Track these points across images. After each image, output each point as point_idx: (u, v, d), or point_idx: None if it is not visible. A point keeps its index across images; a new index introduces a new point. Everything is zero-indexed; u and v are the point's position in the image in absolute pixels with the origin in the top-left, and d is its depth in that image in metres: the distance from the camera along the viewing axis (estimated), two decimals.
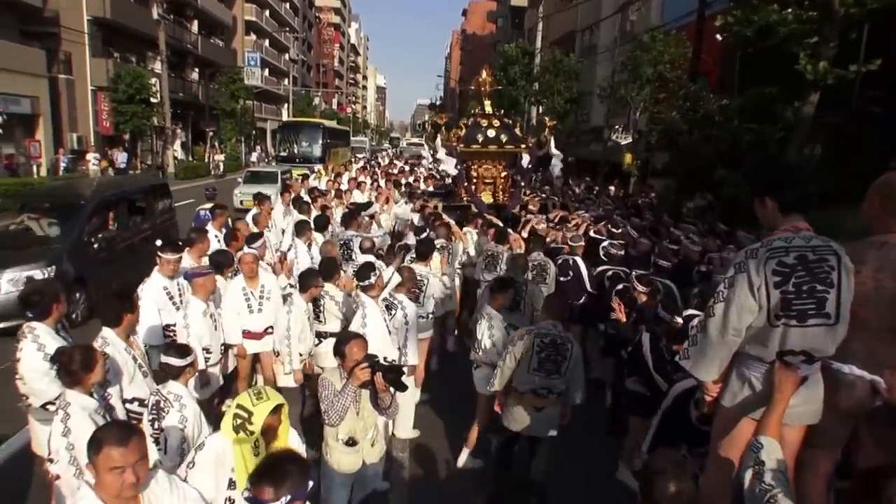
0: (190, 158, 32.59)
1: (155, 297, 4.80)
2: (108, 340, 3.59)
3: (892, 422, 2.52)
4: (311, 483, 2.12)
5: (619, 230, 8.10)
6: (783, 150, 9.99)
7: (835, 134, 10.27)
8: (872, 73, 8.89)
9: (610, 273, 5.97)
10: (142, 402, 3.61)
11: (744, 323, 2.45)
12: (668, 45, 15.74)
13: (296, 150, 25.50)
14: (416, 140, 64.04)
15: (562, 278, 6.36)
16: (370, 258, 6.06)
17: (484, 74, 10.98)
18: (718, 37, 12.91)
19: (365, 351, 3.37)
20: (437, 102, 77.55)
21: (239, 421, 2.52)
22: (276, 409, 2.56)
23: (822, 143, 10.10)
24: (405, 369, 3.50)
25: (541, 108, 25.13)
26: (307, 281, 4.92)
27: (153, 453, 3.30)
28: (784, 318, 2.38)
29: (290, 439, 2.68)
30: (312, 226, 7.35)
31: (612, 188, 16.46)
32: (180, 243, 5.54)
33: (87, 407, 2.96)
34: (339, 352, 3.38)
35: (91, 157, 21.41)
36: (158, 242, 5.02)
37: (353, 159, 27.56)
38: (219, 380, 4.79)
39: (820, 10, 8.70)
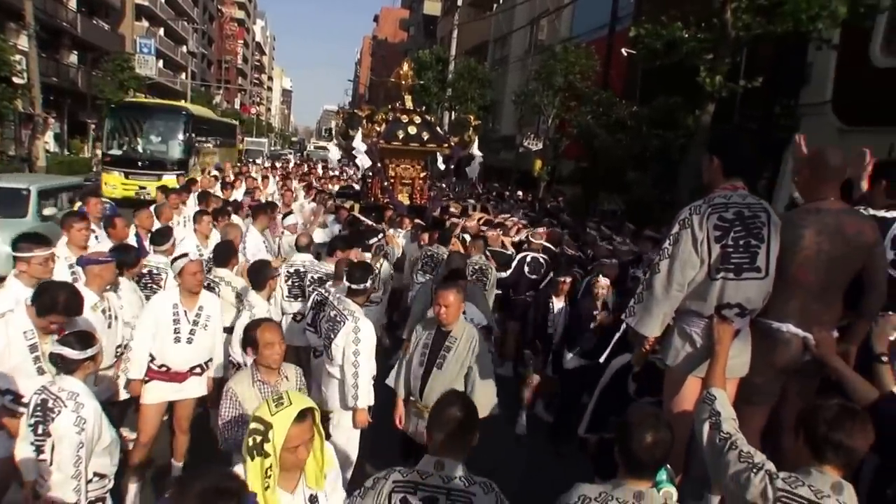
0: (65, 152, 29.52)
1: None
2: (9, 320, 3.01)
3: (816, 373, 2.69)
4: None
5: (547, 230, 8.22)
6: (684, 155, 10.77)
7: None
8: (750, 94, 10.02)
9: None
10: (18, 398, 3.06)
11: (687, 277, 2.57)
12: (578, 57, 16.62)
13: (139, 148, 16.51)
14: (323, 144, 62.48)
15: (533, 276, 6.60)
16: (307, 256, 5.67)
17: (406, 67, 10.77)
18: (624, 51, 13.80)
19: (280, 338, 2.97)
20: (347, 107, 76.35)
21: (256, 439, 1.93)
22: (303, 416, 1.98)
23: None
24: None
25: (454, 114, 25.47)
26: (262, 274, 4.32)
27: (31, 468, 2.69)
28: (723, 271, 2.52)
29: (329, 457, 2.20)
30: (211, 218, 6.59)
31: (520, 193, 16.98)
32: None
33: None
34: (248, 341, 2.97)
35: None
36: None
37: (242, 162, 22.12)
38: (110, 387, 3.99)
39: (716, 32, 9.71)
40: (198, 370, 4.02)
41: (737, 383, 2.69)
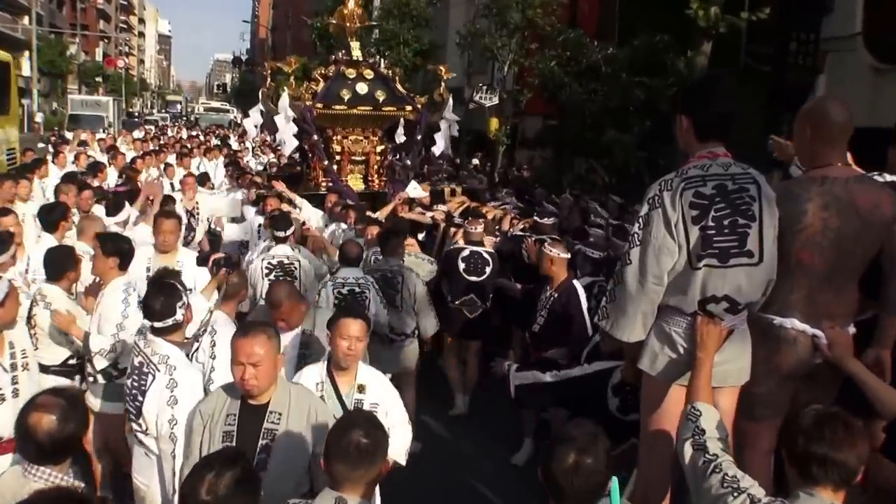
0: None
1: None
2: None
3: (832, 380, 2.68)
4: None
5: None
6: (676, 108, 10.61)
7: None
8: (758, 28, 9.87)
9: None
10: None
11: (664, 267, 2.56)
12: None
13: None
14: (216, 104, 59.70)
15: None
16: (355, 272, 5.07)
17: (351, 4, 9.88)
18: None
19: None
20: (244, 57, 73.35)
21: None
22: None
23: None
24: None
25: (382, 61, 24.67)
26: (62, 264, 4.07)
27: None
28: (706, 258, 2.51)
29: None
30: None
31: (475, 161, 16.56)
32: None
33: None
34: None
35: None
36: None
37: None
38: None
39: None
40: None
41: (735, 394, 2.71)
